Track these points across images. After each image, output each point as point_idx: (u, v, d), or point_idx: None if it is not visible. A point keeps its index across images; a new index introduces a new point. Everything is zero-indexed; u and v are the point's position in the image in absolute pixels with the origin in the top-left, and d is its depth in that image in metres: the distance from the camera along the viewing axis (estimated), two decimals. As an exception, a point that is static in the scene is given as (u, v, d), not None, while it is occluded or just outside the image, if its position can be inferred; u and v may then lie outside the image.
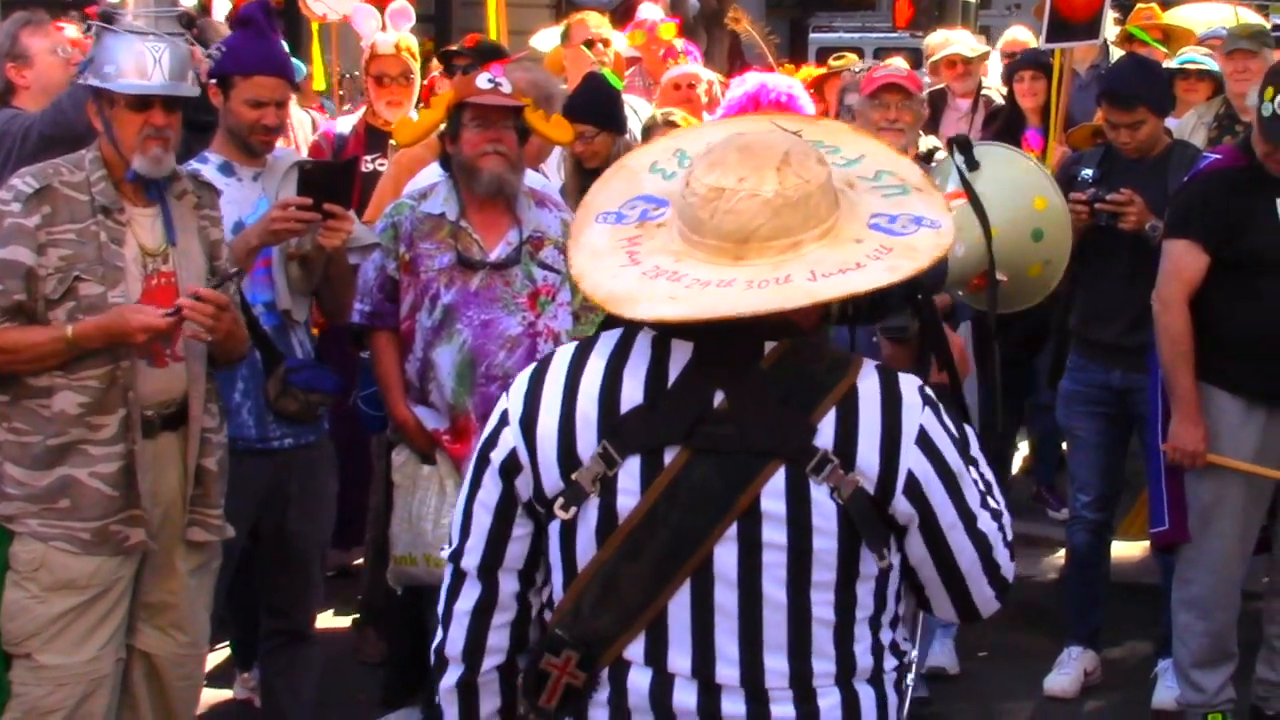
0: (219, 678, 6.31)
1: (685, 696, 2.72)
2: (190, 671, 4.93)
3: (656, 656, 2.73)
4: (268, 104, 5.32)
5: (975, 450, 2.85)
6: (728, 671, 2.71)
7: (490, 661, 2.87)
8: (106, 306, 4.52)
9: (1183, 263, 5.86)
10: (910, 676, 2.89)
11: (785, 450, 2.67)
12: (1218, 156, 6.12)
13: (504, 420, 2.83)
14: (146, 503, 4.61)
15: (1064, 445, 7.98)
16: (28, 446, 4.55)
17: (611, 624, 2.73)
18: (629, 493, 2.71)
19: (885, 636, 2.81)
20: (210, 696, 5.45)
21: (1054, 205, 3.48)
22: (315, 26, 10.31)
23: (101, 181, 4.58)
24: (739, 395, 2.70)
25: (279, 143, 5.63)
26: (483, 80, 5.57)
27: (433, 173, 5.85)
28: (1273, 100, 5.69)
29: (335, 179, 5.20)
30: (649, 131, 7.05)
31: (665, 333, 2.73)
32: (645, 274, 2.66)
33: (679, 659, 2.72)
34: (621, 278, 2.68)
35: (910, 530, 2.74)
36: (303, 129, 8.36)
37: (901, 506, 2.71)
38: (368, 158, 7.16)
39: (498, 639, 2.87)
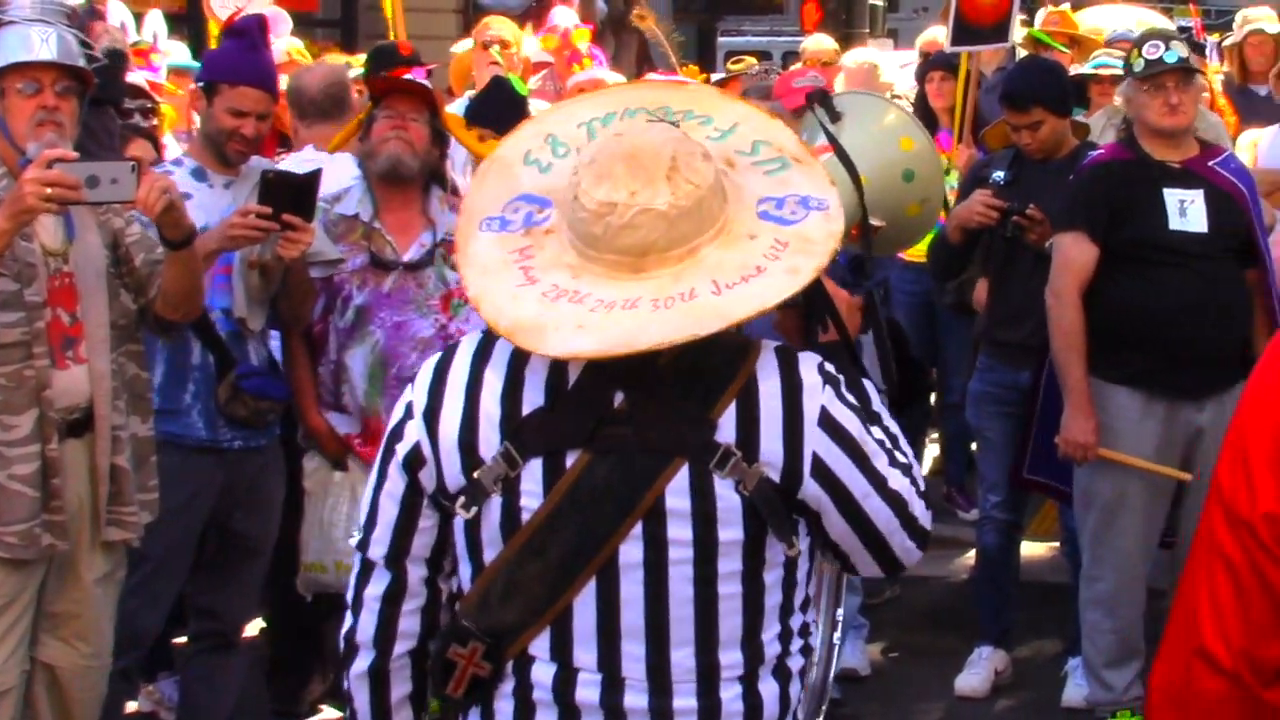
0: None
1: (589, 691, 2.74)
2: (93, 683, 4.85)
3: (561, 651, 2.74)
4: (248, 115, 5.33)
5: (877, 405, 2.87)
6: (633, 667, 2.73)
7: (401, 647, 2.88)
8: (20, 304, 4.46)
9: (1071, 254, 5.94)
10: (815, 659, 2.91)
11: (687, 448, 2.68)
12: (1101, 152, 6.22)
13: (409, 413, 2.83)
14: (61, 504, 4.54)
15: (974, 446, 8.03)
16: None
17: (517, 618, 2.74)
18: (532, 494, 2.72)
19: (795, 621, 2.83)
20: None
21: (920, 143, 3.52)
22: (214, 27, 10.19)
23: (4, 179, 4.51)
24: (638, 395, 2.70)
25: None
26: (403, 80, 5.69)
27: (347, 175, 5.84)
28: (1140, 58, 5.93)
29: (297, 190, 5.17)
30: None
31: None
32: (546, 295, 2.65)
33: (584, 654, 2.74)
34: (522, 300, 2.66)
35: (825, 509, 2.75)
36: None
37: (811, 490, 2.72)
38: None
39: (408, 624, 2.87)
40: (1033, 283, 6.29)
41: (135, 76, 7.18)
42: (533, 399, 2.73)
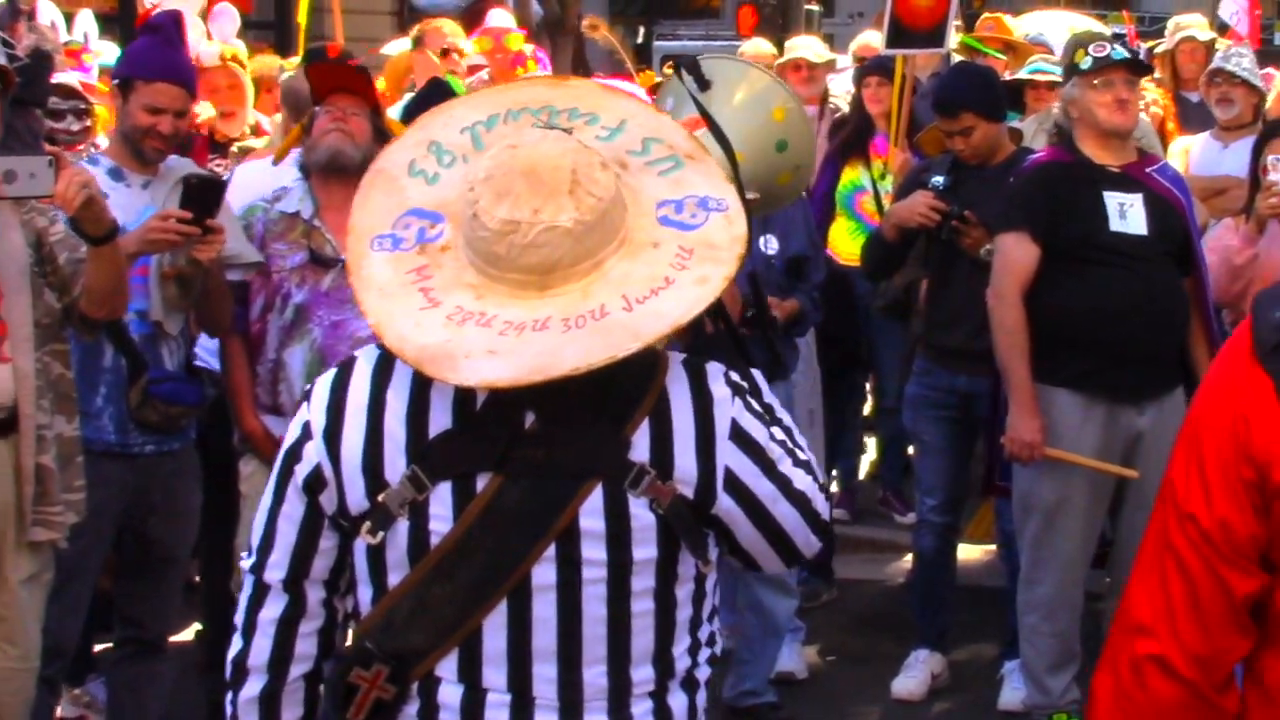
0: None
1: (498, 712, 2.69)
2: (21, 686, 4.77)
3: (470, 673, 2.69)
4: (165, 112, 5.25)
5: (768, 396, 2.86)
6: (544, 687, 2.69)
7: (297, 670, 2.81)
8: None
9: (1013, 254, 5.94)
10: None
11: (601, 469, 2.64)
12: (1040, 154, 6.24)
13: (306, 433, 2.75)
14: None
15: (910, 450, 8.05)
16: None
17: (424, 641, 2.69)
18: (441, 519, 2.66)
19: (703, 633, 2.81)
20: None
21: (791, 110, 3.44)
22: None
23: None
24: (550, 415, 2.65)
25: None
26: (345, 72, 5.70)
27: (288, 176, 5.80)
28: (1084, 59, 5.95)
29: (216, 194, 5.12)
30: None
31: None
32: (451, 318, 2.57)
33: (493, 675, 2.69)
34: (426, 326, 2.58)
35: (736, 521, 2.73)
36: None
37: (724, 504, 2.71)
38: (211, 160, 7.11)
39: (305, 647, 2.80)
40: (971, 287, 6.30)
41: (68, 77, 7.11)
42: (440, 420, 2.67)
